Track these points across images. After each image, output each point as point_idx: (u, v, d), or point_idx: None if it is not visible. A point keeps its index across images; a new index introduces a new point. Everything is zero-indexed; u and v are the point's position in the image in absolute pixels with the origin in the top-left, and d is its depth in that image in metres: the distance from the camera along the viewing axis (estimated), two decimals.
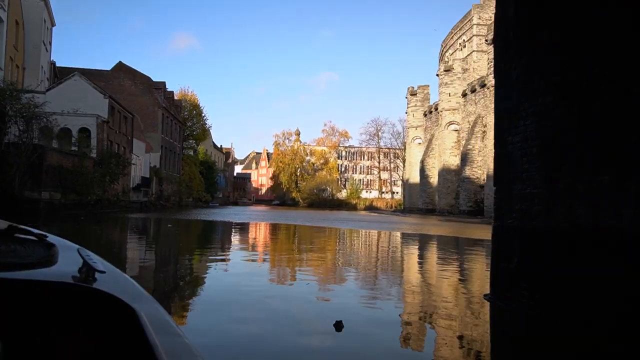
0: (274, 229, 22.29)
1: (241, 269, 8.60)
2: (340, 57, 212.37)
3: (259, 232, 20.15)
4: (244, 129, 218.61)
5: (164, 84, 50.37)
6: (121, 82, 45.70)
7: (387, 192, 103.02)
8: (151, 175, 43.78)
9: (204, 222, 24.92)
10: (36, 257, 1.32)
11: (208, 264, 9.28)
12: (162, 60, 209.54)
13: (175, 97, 57.75)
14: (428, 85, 56.50)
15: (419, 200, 53.47)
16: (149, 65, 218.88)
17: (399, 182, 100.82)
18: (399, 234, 20.91)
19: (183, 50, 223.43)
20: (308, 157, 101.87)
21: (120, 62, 47.62)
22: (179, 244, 13.99)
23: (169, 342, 1.08)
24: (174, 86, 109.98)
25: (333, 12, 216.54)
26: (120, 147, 35.17)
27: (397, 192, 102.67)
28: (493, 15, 37.96)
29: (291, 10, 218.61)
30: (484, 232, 20.30)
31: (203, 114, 62.93)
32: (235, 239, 16.62)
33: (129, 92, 45.50)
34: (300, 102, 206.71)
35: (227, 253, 11.56)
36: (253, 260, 10.42)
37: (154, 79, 49.63)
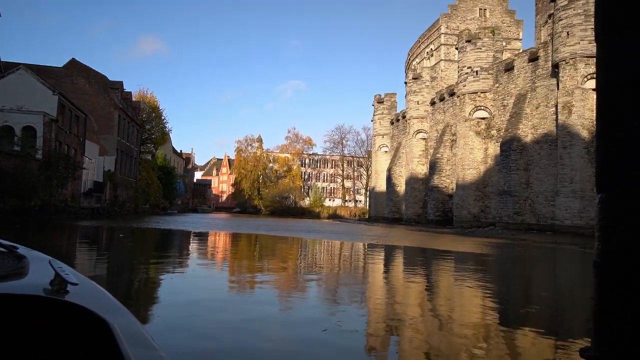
0: (235, 239, 20.63)
1: (197, 287, 7.54)
2: (308, 65, 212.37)
3: (219, 243, 18.47)
4: (206, 134, 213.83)
5: (121, 83, 47.59)
6: (74, 80, 42.73)
7: (350, 201, 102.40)
8: (105, 179, 40.97)
9: (160, 232, 22.88)
10: (6, 269, 1.30)
11: (161, 279, 8.39)
12: (126, 63, 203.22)
13: (134, 99, 54.87)
14: (395, 93, 56.18)
15: (386, 209, 52.71)
16: (112, 68, 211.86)
17: (362, 191, 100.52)
18: (369, 245, 19.62)
19: (149, 55, 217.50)
20: (271, 164, 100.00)
21: (73, 58, 44.55)
22: (130, 256, 12.15)
23: (143, 355, 1.07)
24: (134, 87, 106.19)
25: (303, 20, 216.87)
26: (71, 149, 32.48)
27: (360, 201, 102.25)
28: (461, 24, 37.74)
29: (262, 19, 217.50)
30: (458, 243, 19.57)
31: (163, 117, 60.18)
32: (193, 251, 14.87)
33: (82, 90, 42.60)
34: (266, 110, 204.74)
35: (184, 269, 10.02)
36: (209, 277, 9.03)
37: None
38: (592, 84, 27.13)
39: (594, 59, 26.81)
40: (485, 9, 50.21)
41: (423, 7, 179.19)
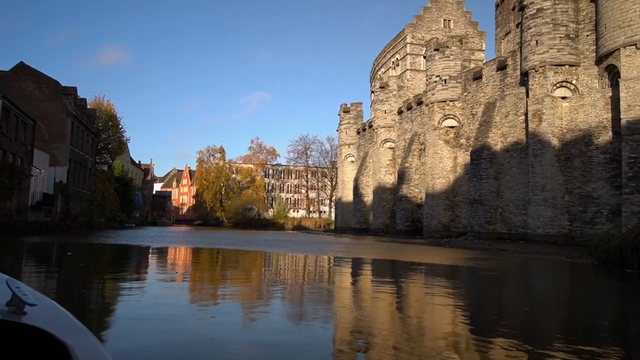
0: (196, 254, 19.08)
1: (156, 309, 6.69)
2: (275, 77, 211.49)
3: (179, 260, 16.92)
4: (166, 145, 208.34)
5: (74, 89, 44.88)
6: (22, 84, 39.84)
7: (314, 212, 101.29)
8: (56, 191, 38.19)
9: (116, 248, 20.95)
10: None
11: (117, 299, 7.68)
12: (87, 72, 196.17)
13: (89, 106, 52.01)
14: (361, 103, 55.73)
15: (353, 220, 51.83)
16: (72, 77, 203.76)
17: (327, 202, 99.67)
18: (336, 259, 18.46)
19: (112, 64, 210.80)
20: (234, 175, 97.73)
21: (22, 62, 41.66)
22: (81, 277, 10.53)
23: None
24: (88, 94, 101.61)
25: (272, 32, 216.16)
26: (17, 158, 29.91)
27: (325, 212, 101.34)
28: (426, 35, 37.50)
29: (231, 31, 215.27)
30: (437, 255, 18.63)
31: (120, 126, 57.36)
32: (152, 270, 13.27)
33: (31, 96, 39.74)
34: (231, 122, 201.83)
35: (141, 287, 8.79)
36: (168, 298, 7.88)
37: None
38: (561, 92, 27.21)
39: (563, 67, 27.03)
40: (449, 20, 50.64)
41: (389, 18, 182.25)
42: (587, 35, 26.53)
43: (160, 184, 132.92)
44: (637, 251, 11.93)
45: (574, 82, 26.82)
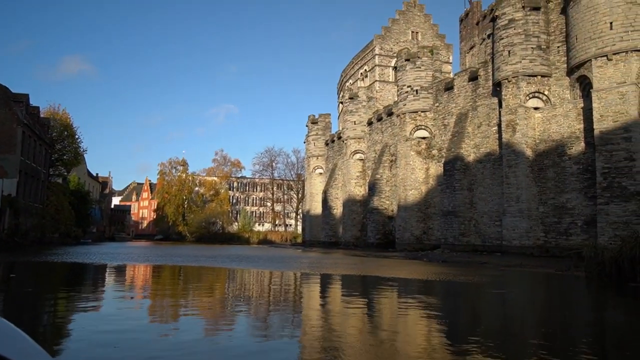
0: (156, 273, 17.53)
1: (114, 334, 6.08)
2: (242, 89, 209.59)
3: (138, 279, 15.32)
4: (127, 158, 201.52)
5: (26, 96, 42.11)
6: None
7: (280, 225, 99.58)
8: (4, 205, 35.32)
9: (69, 267, 19.03)
10: None
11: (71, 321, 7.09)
12: (48, 83, 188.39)
13: (42, 115, 49.04)
14: (329, 114, 55.04)
15: (322, 233, 50.70)
16: (32, 88, 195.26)
17: (293, 215, 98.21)
18: (303, 275, 17.30)
19: (74, 75, 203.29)
20: (197, 188, 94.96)
21: None
22: (23, 302, 8.98)
23: None
24: (42, 102, 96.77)
25: (240, 45, 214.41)
26: None
27: (291, 225, 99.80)
28: (394, 46, 37.26)
29: (199, 43, 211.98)
30: (422, 270, 17.55)
31: (77, 136, 54.39)
32: (109, 292, 11.71)
33: None
34: (196, 134, 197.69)
35: (97, 309, 7.28)
36: (125, 324, 6.47)
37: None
38: (534, 102, 27.18)
39: (535, 77, 27.01)
40: (417, 32, 50.88)
41: (357, 33, 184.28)
42: (558, 47, 26.67)
43: (119, 198, 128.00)
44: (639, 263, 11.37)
45: (546, 92, 26.85)
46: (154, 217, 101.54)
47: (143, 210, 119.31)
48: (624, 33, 22.95)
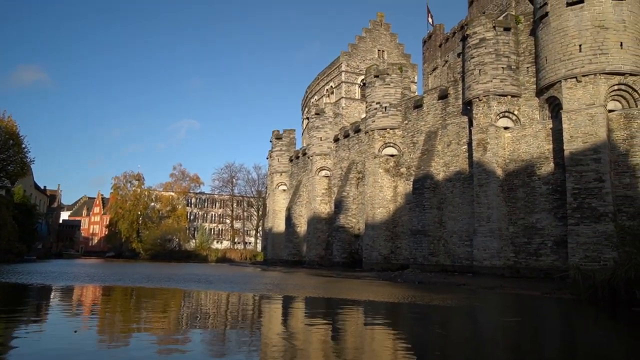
0: (105, 296, 15.90)
1: None
2: (205, 105, 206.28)
3: (86, 303, 13.67)
4: (79, 171, 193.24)
5: None
6: None
7: (239, 243, 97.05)
8: None
9: (5, 289, 16.95)
10: None
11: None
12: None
13: None
14: (294, 130, 54.05)
15: (285, 251, 49.21)
16: None
17: (253, 232, 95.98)
18: (262, 297, 16.04)
19: (28, 85, 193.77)
20: (153, 204, 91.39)
21: None
22: None
23: None
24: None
25: (205, 60, 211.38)
26: None
27: (250, 243, 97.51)
28: (361, 64, 37.03)
29: (164, 57, 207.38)
30: (389, 292, 16.59)
31: (23, 146, 50.83)
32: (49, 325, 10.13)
33: None
34: (155, 149, 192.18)
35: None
36: None
37: None
38: (503, 122, 27.16)
39: (506, 97, 27.01)
40: (383, 51, 51.05)
41: (322, 54, 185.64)
42: (528, 68, 26.88)
43: (69, 213, 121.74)
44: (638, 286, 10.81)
45: (515, 112, 26.91)
46: (106, 233, 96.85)
47: (94, 225, 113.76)
48: (593, 56, 23.28)
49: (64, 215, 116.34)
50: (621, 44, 23.11)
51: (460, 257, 28.82)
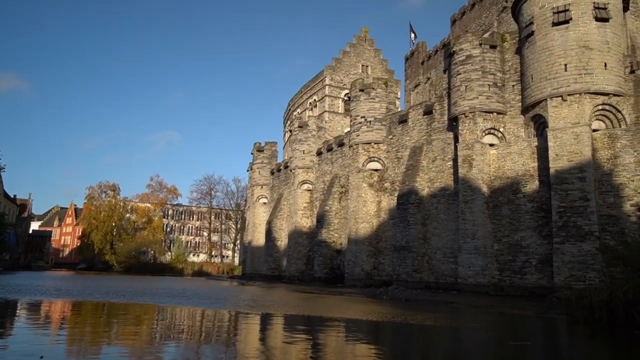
0: (77, 311, 15.03)
1: None
2: (186, 117, 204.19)
3: (53, 320, 12.79)
4: (56, 181, 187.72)
5: None
6: None
7: (217, 256, 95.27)
8: None
9: None
10: None
11: None
12: None
13: None
14: (276, 142, 53.46)
15: (264, 266, 48.23)
16: None
17: (230, 246, 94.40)
18: (239, 315, 15.33)
19: (4, 92, 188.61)
20: (128, 215, 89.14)
21: None
22: None
23: None
24: None
25: (189, 74, 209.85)
26: None
27: (228, 256, 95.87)
28: (345, 78, 36.98)
29: (147, 68, 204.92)
30: (379, 311, 15.93)
31: None
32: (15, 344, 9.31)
33: None
34: (133, 160, 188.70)
35: None
36: None
37: None
38: (489, 139, 27.12)
39: (491, 114, 27.02)
40: (367, 66, 51.17)
41: (305, 70, 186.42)
42: (513, 86, 26.99)
43: (39, 223, 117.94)
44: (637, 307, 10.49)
45: (501, 129, 26.92)
46: (78, 244, 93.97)
47: (66, 236, 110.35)
48: (578, 75, 23.47)
49: (34, 226, 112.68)
50: (605, 65, 23.38)
51: (445, 274, 28.47)
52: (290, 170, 44.97)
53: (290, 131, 46.96)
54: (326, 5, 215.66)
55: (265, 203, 52.19)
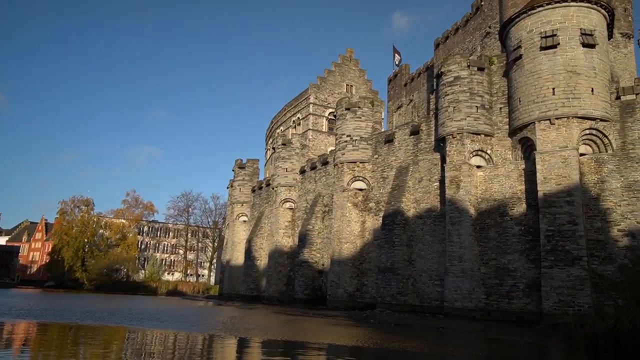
0: (42, 334, 13.97)
1: None
2: (168, 133, 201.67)
3: (13, 346, 11.68)
4: (28, 196, 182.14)
5: None
6: None
7: (192, 275, 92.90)
8: None
9: None
10: None
11: None
12: None
13: None
14: (258, 160, 52.68)
15: (242, 286, 46.88)
16: None
17: (206, 264, 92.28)
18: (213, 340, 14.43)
19: None
20: (102, 231, 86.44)
21: None
22: None
23: None
24: None
25: (171, 93, 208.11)
26: None
27: (204, 275, 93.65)
28: (329, 97, 36.78)
29: (130, 84, 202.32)
30: (370, 336, 15.02)
31: None
32: None
33: None
34: (112, 175, 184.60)
35: None
36: None
37: None
38: (476, 160, 26.93)
39: (479, 136, 26.84)
40: (351, 85, 51.18)
41: (290, 91, 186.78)
42: (500, 108, 26.98)
43: (7, 238, 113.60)
44: None
45: (488, 151, 26.78)
46: (47, 260, 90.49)
47: (34, 252, 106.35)
48: (566, 99, 23.55)
49: (1, 240, 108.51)
50: (592, 90, 23.53)
51: (430, 297, 27.86)
52: (273, 188, 44.15)
53: (274, 148, 46.29)
54: (312, 29, 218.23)
55: (245, 221, 51.07)
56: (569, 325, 12.71)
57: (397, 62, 58.74)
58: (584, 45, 23.86)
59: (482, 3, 45.86)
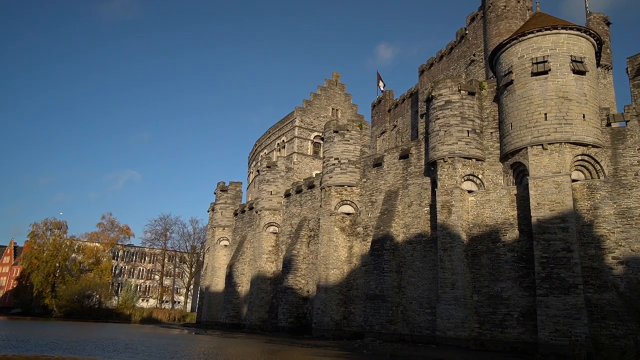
0: None
1: None
2: (149, 158, 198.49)
3: None
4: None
5: None
6: None
7: (168, 302, 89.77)
8: None
9: None
10: None
11: None
12: None
13: None
14: (241, 183, 51.59)
15: (222, 313, 45.06)
16: None
17: (182, 290, 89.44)
18: None
19: None
20: (74, 255, 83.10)
21: None
22: None
23: None
24: None
25: (154, 117, 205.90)
26: None
27: (180, 302, 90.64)
28: (315, 120, 36.28)
29: (113, 106, 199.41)
30: None
31: None
32: None
33: None
34: (88, 199, 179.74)
35: None
36: None
37: None
38: (468, 185, 26.53)
39: (471, 160, 26.48)
40: (337, 109, 50.94)
41: (274, 116, 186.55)
42: (491, 133, 26.79)
43: None
44: None
45: (479, 176, 26.43)
46: (15, 286, 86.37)
47: (1, 277, 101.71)
48: (558, 125, 23.45)
49: None
50: (584, 116, 23.51)
51: (420, 326, 26.92)
52: (256, 212, 43.01)
53: (258, 171, 45.39)
54: (297, 56, 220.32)
55: (226, 245, 49.57)
56: (582, 356, 12.01)
57: (381, 88, 58.99)
58: (575, 71, 23.95)
59: (467, 32, 46.58)
